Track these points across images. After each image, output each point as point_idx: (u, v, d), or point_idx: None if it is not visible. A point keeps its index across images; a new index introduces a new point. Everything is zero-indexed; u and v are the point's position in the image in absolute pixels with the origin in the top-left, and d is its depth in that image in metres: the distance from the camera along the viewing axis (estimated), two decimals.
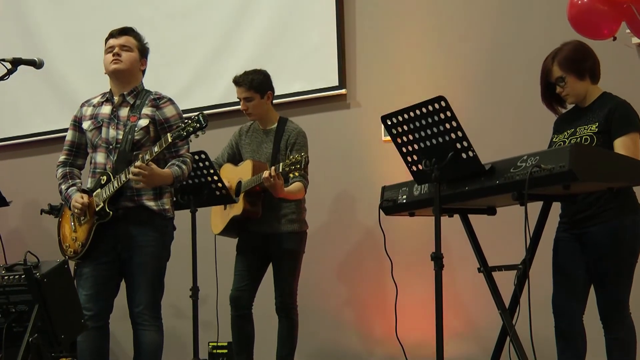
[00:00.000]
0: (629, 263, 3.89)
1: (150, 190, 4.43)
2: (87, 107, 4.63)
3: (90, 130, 4.53)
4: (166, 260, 4.55)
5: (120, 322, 4.76)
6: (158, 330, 4.48)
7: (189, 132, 4.27)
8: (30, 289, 3.82)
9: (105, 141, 4.48)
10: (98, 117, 4.54)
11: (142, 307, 4.41)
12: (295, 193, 5.15)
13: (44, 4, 7.46)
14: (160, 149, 4.30)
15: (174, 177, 4.41)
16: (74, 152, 4.63)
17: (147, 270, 4.41)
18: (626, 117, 3.89)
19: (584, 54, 4.02)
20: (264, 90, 5.28)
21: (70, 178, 4.58)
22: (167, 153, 4.45)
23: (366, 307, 6.06)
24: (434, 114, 3.64)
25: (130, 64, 4.54)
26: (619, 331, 3.87)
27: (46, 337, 3.82)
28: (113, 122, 4.50)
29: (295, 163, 4.83)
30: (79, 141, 4.62)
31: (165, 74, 6.72)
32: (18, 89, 7.02)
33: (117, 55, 4.51)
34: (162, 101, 4.55)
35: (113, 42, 4.56)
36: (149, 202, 4.43)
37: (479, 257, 4.02)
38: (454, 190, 3.78)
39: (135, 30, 4.65)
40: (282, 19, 6.43)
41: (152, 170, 4.29)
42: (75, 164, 4.65)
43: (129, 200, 4.42)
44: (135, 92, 4.56)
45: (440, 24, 5.91)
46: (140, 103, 4.53)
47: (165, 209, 4.48)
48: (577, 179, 3.40)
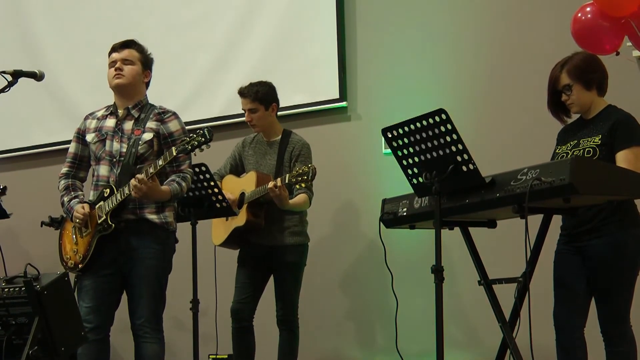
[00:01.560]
0: (629, 276, 3.88)
1: (153, 204, 4.44)
2: (92, 120, 4.64)
3: (94, 142, 4.54)
4: (168, 272, 4.55)
5: (121, 334, 4.75)
6: (159, 343, 4.47)
7: (194, 146, 4.28)
8: (31, 302, 3.81)
9: (109, 154, 4.49)
10: (102, 130, 4.55)
11: (144, 320, 4.41)
12: (300, 205, 5.15)
13: (45, 15, 7.47)
14: (165, 163, 4.31)
15: (172, 195, 4.43)
16: (77, 164, 4.64)
17: (149, 283, 4.41)
18: (629, 130, 3.89)
19: (593, 65, 4.03)
20: (268, 102, 5.29)
21: (73, 190, 4.59)
22: (168, 167, 4.46)
23: (367, 318, 6.05)
24: (434, 127, 3.64)
25: (133, 77, 4.54)
26: (620, 344, 3.86)
27: (46, 349, 3.81)
28: (117, 135, 4.51)
29: (303, 174, 4.82)
30: (82, 153, 4.63)
31: (167, 86, 6.72)
32: (19, 101, 7.02)
33: (119, 70, 4.52)
34: (167, 115, 4.56)
35: (115, 56, 4.57)
36: (151, 215, 4.44)
37: (479, 270, 4.02)
38: (455, 203, 3.78)
39: (137, 42, 4.65)
40: (284, 32, 6.44)
41: (150, 185, 4.29)
42: (78, 177, 4.66)
43: (131, 213, 4.42)
44: (140, 106, 4.57)
45: (442, 36, 5.92)
46: (144, 117, 4.54)
47: (167, 222, 4.49)
48: (578, 192, 3.40)
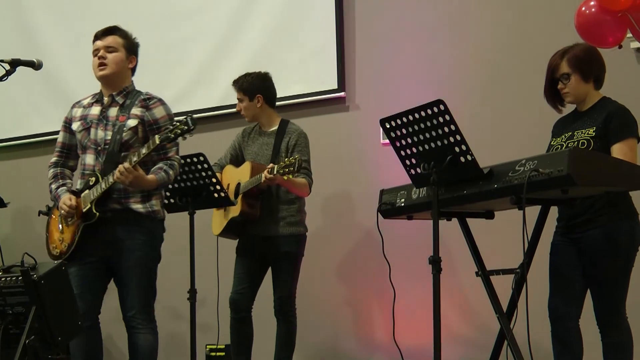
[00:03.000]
0: (625, 267, 3.89)
1: (138, 192, 4.40)
2: (77, 108, 4.60)
3: (79, 131, 4.50)
4: (156, 262, 4.52)
5: (118, 324, 4.75)
6: (152, 333, 4.44)
7: (177, 135, 4.23)
8: (28, 291, 3.81)
9: (94, 142, 4.45)
10: (87, 118, 4.51)
11: (135, 312, 4.39)
12: (298, 185, 5.12)
13: (43, 5, 7.45)
14: (148, 152, 4.26)
15: (158, 183, 4.38)
16: (65, 153, 4.61)
17: (137, 274, 4.38)
18: (624, 122, 3.89)
19: (594, 57, 4.04)
20: (252, 93, 5.32)
21: (61, 178, 4.57)
22: (155, 155, 4.41)
23: (365, 310, 6.06)
24: (432, 118, 3.64)
25: (116, 65, 4.49)
26: (616, 335, 3.88)
27: (43, 339, 3.82)
28: (102, 122, 4.46)
29: (289, 165, 4.81)
30: (69, 142, 4.60)
31: (165, 76, 6.73)
32: (17, 89, 7.01)
33: (102, 59, 4.47)
34: (152, 102, 4.49)
35: (98, 44, 4.52)
36: (137, 205, 4.40)
37: (476, 261, 4.02)
38: (452, 194, 3.78)
39: (121, 28, 4.59)
40: (282, 22, 6.43)
41: (136, 174, 4.25)
42: (67, 165, 4.63)
43: (116, 203, 4.39)
44: (125, 92, 4.52)
45: (440, 27, 5.91)
46: (129, 103, 4.48)
47: (154, 210, 4.45)
48: (575, 183, 3.40)
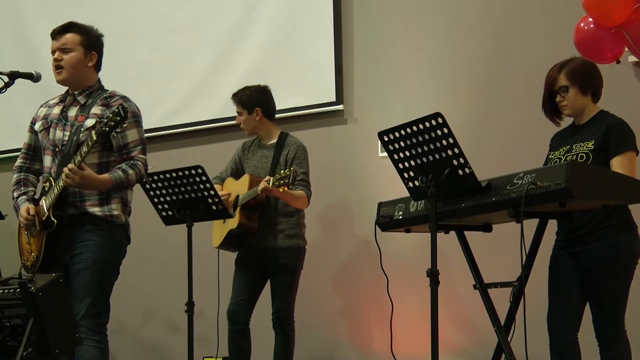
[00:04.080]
0: (624, 281, 3.88)
1: (96, 195, 4.17)
2: (43, 108, 4.43)
3: (40, 131, 4.32)
4: (111, 268, 4.23)
5: (115, 336, 4.74)
6: (98, 346, 4.11)
7: (112, 127, 3.96)
8: (25, 303, 3.80)
9: (52, 143, 4.26)
10: (49, 117, 4.32)
11: (79, 318, 4.06)
12: (297, 197, 5.14)
13: (42, 17, 7.46)
14: (89, 149, 4.00)
15: (113, 183, 4.12)
16: (31, 155, 4.41)
17: (85, 279, 4.10)
18: (622, 136, 3.90)
19: (592, 70, 4.06)
20: (251, 107, 5.34)
21: (24, 185, 4.37)
22: (117, 156, 4.22)
23: (363, 322, 6.05)
24: (430, 131, 3.64)
25: (73, 68, 4.28)
26: (615, 349, 3.87)
27: (41, 351, 3.80)
28: (61, 122, 4.26)
29: (285, 177, 4.82)
30: (35, 144, 4.39)
31: (164, 88, 6.74)
32: (16, 101, 7.02)
33: (57, 62, 4.27)
34: (113, 99, 4.26)
35: (53, 45, 4.31)
36: (93, 208, 4.16)
37: (474, 273, 4.02)
38: (450, 206, 3.78)
39: (77, 23, 4.36)
40: (281, 35, 6.44)
41: (81, 173, 4.00)
42: (32, 169, 4.42)
43: (72, 207, 4.16)
44: (89, 92, 4.32)
45: (438, 40, 5.92)
46: (91, 102, 4.27)
47: (113, 214, 4.20)
48: (573, 197, 3.40)
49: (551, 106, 4.10)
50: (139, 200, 4.88)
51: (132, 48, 6.95)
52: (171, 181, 4.90)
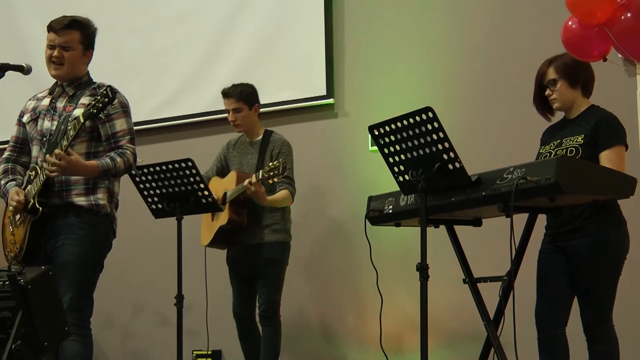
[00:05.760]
0: (612, 276, 3.90)
1: (82, 184, 4.14)
2: (32, 101, 4.42)
3: (28, 122, 4.31)
4: (95, 263, 4.18)
5: (103, 330, 4.74)
6: (81, 341, 4.04)
7: (99, 109, 3.95)
8: (15, 296, 3.79)
9: (40, 133, 4.24)
10: (37, 109, 4.32)
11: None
12: (281, 201, 5.20)
13: (33, 9, 7.43)
14: (76, 132, 3.97)
15: (100, 169, 4.07)
16: (19, 147, 4.39)
17: (68, 273, 4.05)
18: (612, 130, 3.91)
19: (582, 64, 4.07)
20: (252, 102, 5.37)
21: (12, 173, 4.32)
22: (106, 145, 4.19)
23: (352, 316, 6.05)
24: (421, 125, 3.64)
25: (72, 65, 4.29)
26: (603, 344, 3.88)
27: (29, 344, 3.79)
28: (49, 113, 4.26)
29: (274, 169, 4.88)
30: (23, 137, 4.37)
31: (154, 81, 6.73)
32: (6, 94, 6.99)
33: (58, 58, 4.26)
34: (102, 90, 4.14)
35: (54, 39, 4.28)
36: (78, 198, 4.13)
37: (464, 268, 4.03)
38: (440, 201, 3.78)
39: (79, 21, 4.34)
40: (271, 28, 6.43)
41: (68, 159, 3.96)
42: (20, 161, 4.38)
43: (57, 197, 4.12)
44: (77, 83, 4.32)
45: (429, 35, 5.93)
46: (79, 93, 4.27)
47: (98, 204, 4.15)
48: (563, 191, 3.41)
49: (542, 101, 4.12)
50: (128, 192, 4.87)
51: (122, 41, 6.92)
52: (161, 174, 4.90)
